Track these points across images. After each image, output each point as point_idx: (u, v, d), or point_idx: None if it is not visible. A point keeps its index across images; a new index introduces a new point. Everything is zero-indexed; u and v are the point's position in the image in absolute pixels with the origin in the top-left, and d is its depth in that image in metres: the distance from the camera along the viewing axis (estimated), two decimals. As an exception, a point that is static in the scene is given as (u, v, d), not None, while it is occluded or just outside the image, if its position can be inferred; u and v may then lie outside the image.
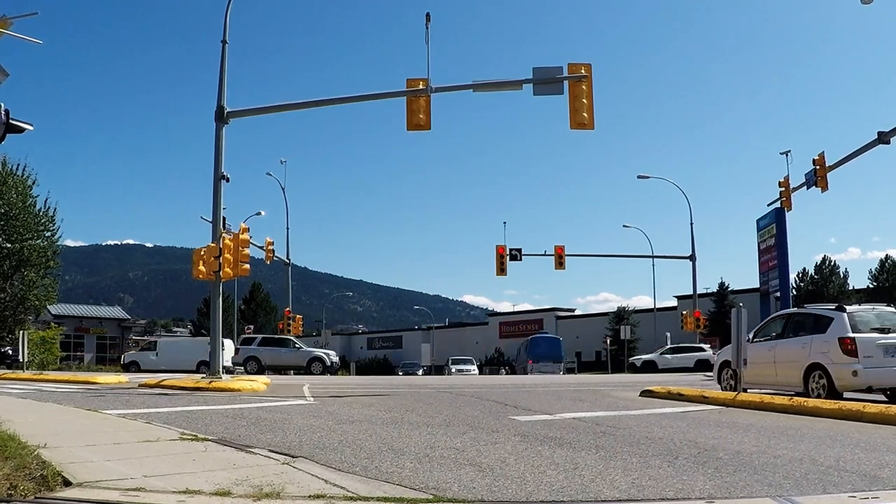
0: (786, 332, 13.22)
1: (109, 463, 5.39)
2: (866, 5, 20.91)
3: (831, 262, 59.53)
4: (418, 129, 17.82)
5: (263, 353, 35.30)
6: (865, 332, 11.74)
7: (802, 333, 12.70)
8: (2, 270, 40.87)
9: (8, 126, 8.08)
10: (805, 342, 12.42)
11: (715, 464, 5.73)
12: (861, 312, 12.28)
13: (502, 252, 40.24)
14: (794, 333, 12.95)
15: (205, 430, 7.59)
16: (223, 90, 18.61)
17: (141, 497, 4.32)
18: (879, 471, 5.45)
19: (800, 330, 12.90)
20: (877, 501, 4.41)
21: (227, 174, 18.51)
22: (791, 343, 12.80)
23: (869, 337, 11.66)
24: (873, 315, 12.32)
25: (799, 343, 12.58)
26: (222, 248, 17.50)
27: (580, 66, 17.27)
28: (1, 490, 4.32)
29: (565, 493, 4.68)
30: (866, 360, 11.42)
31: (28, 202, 41.84)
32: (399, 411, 10.29)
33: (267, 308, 69.87)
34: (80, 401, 11.91)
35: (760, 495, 4.61)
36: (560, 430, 7.92)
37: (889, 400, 11.78)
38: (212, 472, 5.12)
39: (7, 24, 8.92)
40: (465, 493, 4.65)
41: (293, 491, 4.57)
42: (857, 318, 12.00)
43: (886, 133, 21.32)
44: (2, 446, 5.34)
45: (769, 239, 32.17)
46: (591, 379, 27.66)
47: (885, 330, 11.87)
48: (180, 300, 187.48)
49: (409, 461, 5.81)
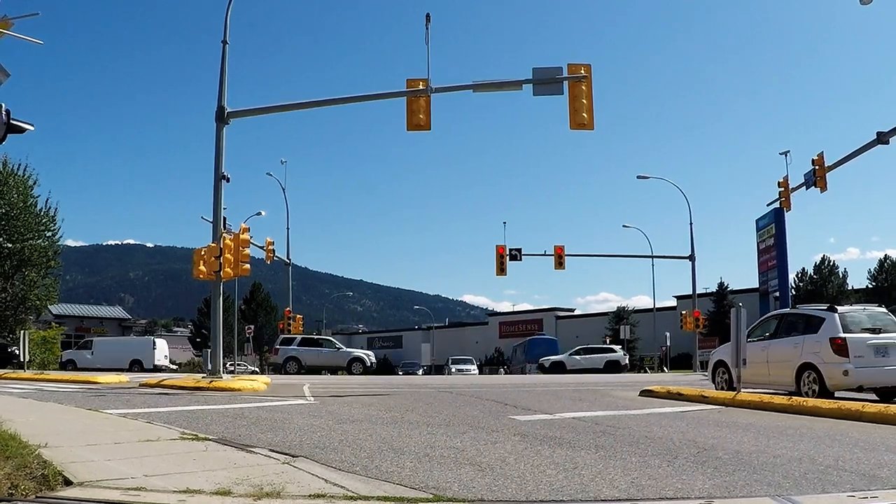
0: (778, 332, 13.35)
1: (110, 462, 5.39)
2: (865, 6, 20.93)
3: (830, 262, 59.59)
4: (418, 130, 17.82)
5: (303, 354, 35.41)
6: (856, 333, 11.88)
7: (795, 334, 12.84)
8: (3, 270, 40.83)
9: (9, 126, 8.08)
10: (797, 342, 12.55)
11: (714, 463, 5.73)
12: (852, 313, 12.41)
13: (502, 252, 40.23)
14: (787, 333, 13.08)
15: (205, 430, 7.59)
16: (223, 90, 18.62)
17: (142, 496, 4.32)
18: (878, 470, 5.45)
19: (792, 330, 13.03)
20: (875, 501, 4.41)
21: (227, 174, 18.50)
22: (784, 343, 12.92)
23: (860, 337, 11.78)
24: (865, 315, 12.44)
25: (791, 343, 12.71)
26: (223, 248, 17.50)
27: (580, 67, 17.28)
28: (2, 489, 4.32)
29: (565, 492, 4.68)
30: (857, 360, 11.56)
31: (29, 202, 41.79)
32: (399, 411, 10.28)
33: (267, 308, 69.89)
34: (81, 400, 11.91)
35: (760, 495, 4.60)
36: (560, 430, 7.92)
37: (880, 399, 11.85)
38: (212, 472, 5.12)
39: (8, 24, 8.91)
40: (465, 492, 4.65)
41: (293, 490, 4.56)
42: (848, 318, 12.12)
43: (885, 133, 21.32)
44: (3, 446, 5.34)
45: (768, 239, 32.19)
46: (591, 379, 27.65)
47: (876, 330, 12.00)
48: (181, 300, 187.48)
49: (409, 461, 5.81)
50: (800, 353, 12.35)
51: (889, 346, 11.77)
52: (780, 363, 12.72)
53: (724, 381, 14.30)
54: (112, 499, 4.25)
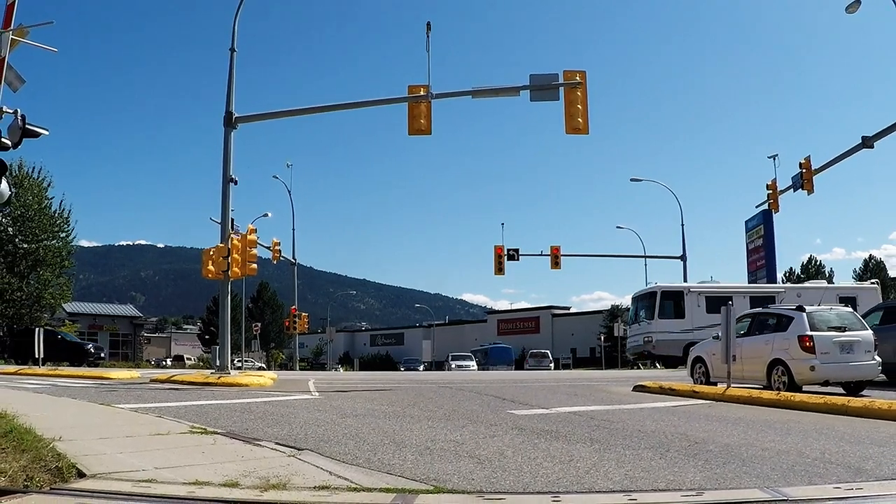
0: (751, 330, 13.60)
1: (122, 455, 5.39)
2: (851, 14, 20.93)
3: (817, 261, 59.79)
4: (419, 134, 17.77)
5: None
6: (823, 331, 12.21)
7: (766, 331, 13.15)
8: (18, 270, 40.84)
9: (24, 131, 8.08)
10: (768, 339, 12.87)
11: (705, 456, 5.72)
12: (820, 312, 12.78)
13: (500, 252, 40.19)
14: (759, 331, 13.38)
15: (214, 424, 7.58)
16: (231, 96, 18.61)
17: (152, 488, 4.32)
18: (863, 463, 5.45)
19: (764, 328, 13.34)
20: (860, 492, 4.42)
21: (235, 177, 18.50)
22: (756, 340, 13.19)
23: (826, 335, 12.11)
24: (832, 315, 12.82)
25: (763, 340, 13.01)
26: (231, 249, 17.50)
27: (575, 74, 17.25)
28: (18, 481, 4.33)
29: (561, 484, 4.68)
30: (823, 356, 11.91)
31: (43, 204, 41.80)
32: (401, 405, 10.28)
33: (274, 306, 69.77)
34: (93, 395, 11.90)
35: (749, 486, 4.60)
36: (556, 424, 7.91)
37: (846, 393, 12.14)
38: (220, 465, 5.12)
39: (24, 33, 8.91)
40: (464, 484, 4.65)
41: (299, 482, 4.56)
42: (815, 317, 12.48)
43: (870, 138, 21.28)
44: (19, 439, 5.35)
45: (757, 239, 32.20)
46: (586, 375, 27.66)
47: (842, 328, 12.36)
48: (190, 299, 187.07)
49: (410, 453, 5.80)
50: (770, 350, 12.66)
51: (854, 343, 12.15)
52: (753, 359, 12.96)
53: (701, 374, 14.69)
54: (124, 490, 4.25)
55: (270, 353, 62.83)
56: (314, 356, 74.78)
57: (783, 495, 4.27)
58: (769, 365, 12.61)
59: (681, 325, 26.49)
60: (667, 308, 27.13)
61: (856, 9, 20.75)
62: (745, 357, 12.88)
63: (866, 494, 4.38)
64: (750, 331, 13.57)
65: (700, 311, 26.55)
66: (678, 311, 26.98)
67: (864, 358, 12.20)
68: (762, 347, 12.89)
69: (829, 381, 12.23)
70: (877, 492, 4.46)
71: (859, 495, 4.35)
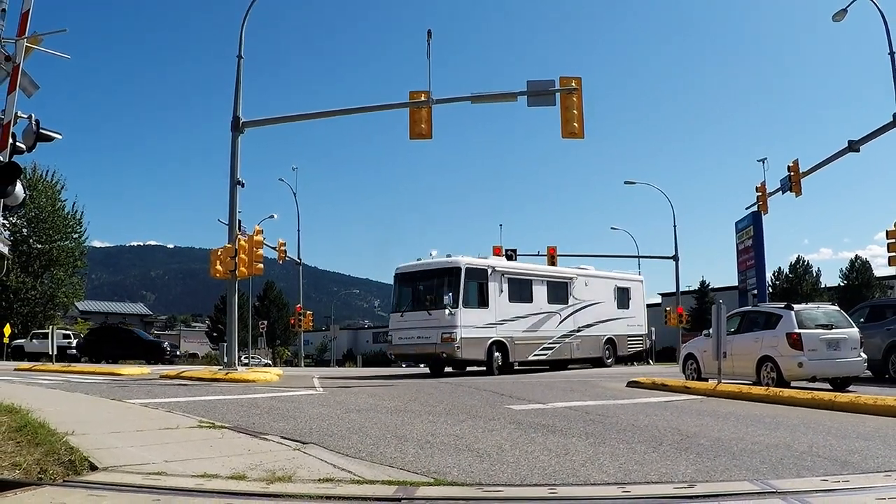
0: (741, 327, 13.62)
1: (133, 449, 5.39)
2: (837, 22, 20.95)
3: (805, 261, 59.56)
4: (420, 138, 17.76)
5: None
6: (811, 329, 12.27)
7: (756, 329, 13.19)
8: (32, 269, 40.86)
9: (38, 135, 8.06)
10: (758, 337, 12.91)
11: (696, 450, 5.72)
12: (807, 310, 12.86)
13: (499, 252, 39.93)
14: (749, 329, 13.40)
15: (221, 419, 7.58)
16: (239, 102, 18.59)
17: (162, 480, 4.32)
18: (850, 456, 5.45)
19: (754, 326, 13.37)
20: (847, 484, 4.42)
21: (242, 180, 18.47)
22: (746, 338, 13.21)
23: (814, 332, 12.17)
24: (820, 313, 12.91)
25: (752, 338, 13.05)
26: (238, 249, 17.49)
27: (571, 80, 17.26)
28: (32, 474, 4.33)
29: (557, 476, 4.68)
30: (811, 353, 11.99)
31: (57, 206, 41.85)
32: (402, 401, 10.28)
33: (279, 305, 69.74)
34: (105, 391, 11.90)
35: (739, 479, 4.60)
36: (552, 419, 7.91)
37: (833, 388, 12.15)
38: (228, 458, 5.12)
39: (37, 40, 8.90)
40: (464, 476, 4.65)
41: (304, 475, 4.57)
42: (803, 315, 12.54)
43: (856, 142, 21.28)
44: (33, 433, 5.35)
45: (747, 240, 32.14)
46: (581, 371, 27.61)
47: (829, 326, 12.43)
48: (199, 297, 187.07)
49: (411, 447, 5.80)
50: (760, 347, 12.71)
51: (840, 340, 12.21)
52: (743, 356, 12.98)
53: (693, 371, 14.75)
54: (135, 483, 4.25)
55: (276, 349, 62.79)
56: (318, 353, 74.74)
57: (772, 487, 4.27)
58: (759, 361, 12.66)
59: (483, 318, 19.28)
60: (471, 293, 19.11)
61: (842, 17, 20.79)
62: (736, 354, 12.90)
63: (853, 486, 4.38)
64: (740, 328, 13.59)
65: (503, 298, 19.99)
66: (482, 298, 19.46)
67: (850, 355, 12.26)
68: (752, 345, 12.92)
69: (816, 377, 12.28)
70: (863, 484, 4.45)
71: (846, 487, 4.35)
